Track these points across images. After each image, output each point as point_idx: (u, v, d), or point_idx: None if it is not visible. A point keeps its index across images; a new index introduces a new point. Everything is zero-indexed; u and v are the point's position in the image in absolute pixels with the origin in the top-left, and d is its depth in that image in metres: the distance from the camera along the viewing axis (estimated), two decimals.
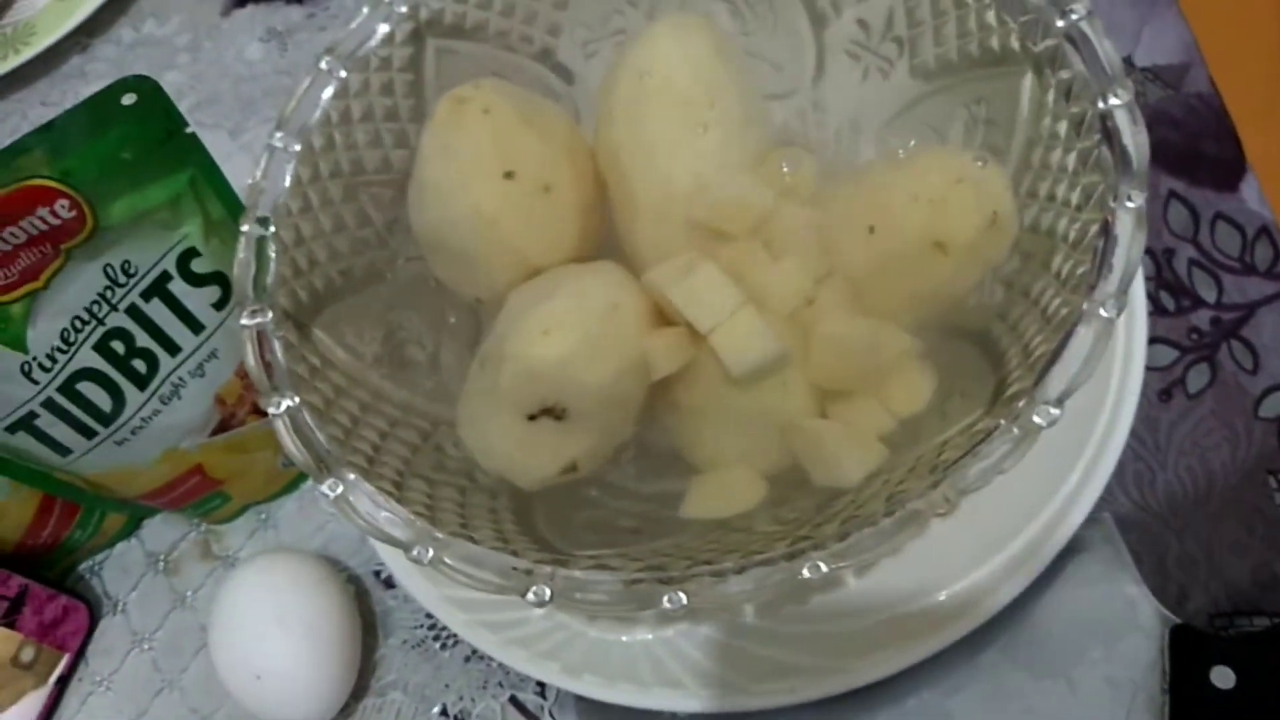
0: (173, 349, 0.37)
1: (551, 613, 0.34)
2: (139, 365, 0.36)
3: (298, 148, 0.32)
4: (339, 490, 0.27)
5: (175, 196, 0.34)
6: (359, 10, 0.33)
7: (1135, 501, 0.37)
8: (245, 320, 0.29)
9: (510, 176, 0.31)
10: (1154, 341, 0.39)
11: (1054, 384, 0.24)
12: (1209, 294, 0.40)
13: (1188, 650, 0.33)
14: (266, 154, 0.32)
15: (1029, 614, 0.34)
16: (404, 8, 0.33)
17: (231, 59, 0.59)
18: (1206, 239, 0.41)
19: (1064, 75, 0.28)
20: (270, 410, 0.28)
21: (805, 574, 0.23)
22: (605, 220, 0.34)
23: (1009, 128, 0.31)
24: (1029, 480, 0.29)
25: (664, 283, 0.29)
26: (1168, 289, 0.41)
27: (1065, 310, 0.26)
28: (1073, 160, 0.28)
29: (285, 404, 0.28)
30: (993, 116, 0.31)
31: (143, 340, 0.36)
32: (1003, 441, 0.24)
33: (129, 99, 0.33)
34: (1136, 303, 0.34)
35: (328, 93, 0.32)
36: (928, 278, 0.29)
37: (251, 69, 0.58)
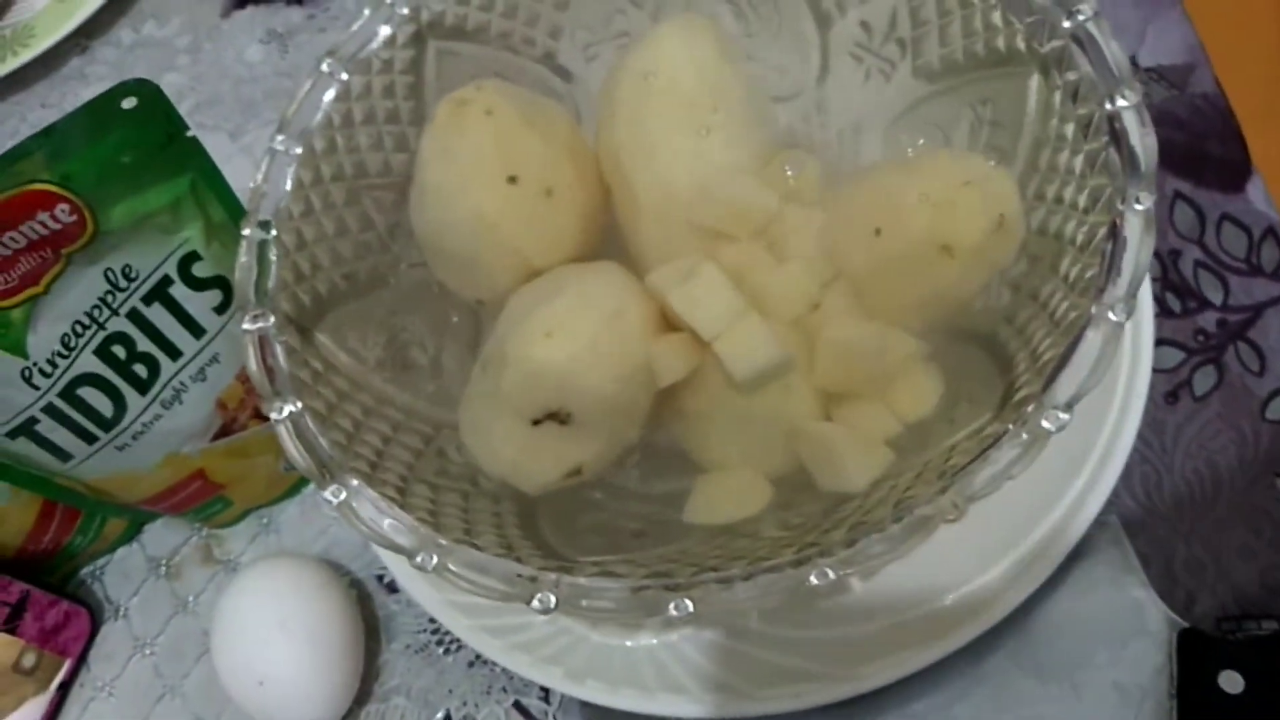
0: (174, 353, 0.36)
1: (555, 617, 0.34)
2: (140, 370, 0.36)
3: (299, 151, 0.32)
4: (342, 496, 0.27)
5: (176, 200, 0.34)
6: (360, 12, 0.33)
7: (1142, 504, 0.37)
8: (247, 325, 0.29)
9: (513, 180, 0.30)
10: (1160, 343, 0.39)
11: (1063, 388, 0.24)
12: (1215, 296, 0.40)
13: (1195, 655, 0.33)
14: (268, 157, 0.31)
15: (1035, 619, 0.34)
16: (405, 9, 0.33)
17: (232, 60, 0.58)
18: (1212, 240, 0.41)
19: (1071, 76, 0.28)
20: (273, 416, 0.28)
21: (813, 581, 0.23)
22: (607, 222, 0.34)
23: (1015, 129, 0.30)
24: (1036, 483, 0.29)
25: (666, 287, 0.29)
26: (1174, 291, 0.40)
27: (1074, 314, 0.25)
28: (1080, 162, 0.28)
29: (288, 409, 0.28)
30: (998, 118, 0.31)
31: (144, 345, 0.35)
32: (1011, 447, 0.24)
33: (129, 103, 0.32)
34: (1143, 305, 0.34)
35: (329, 95, 0.32)
36: (934, 281, 0.29)
37: (252, 70, 0.58)
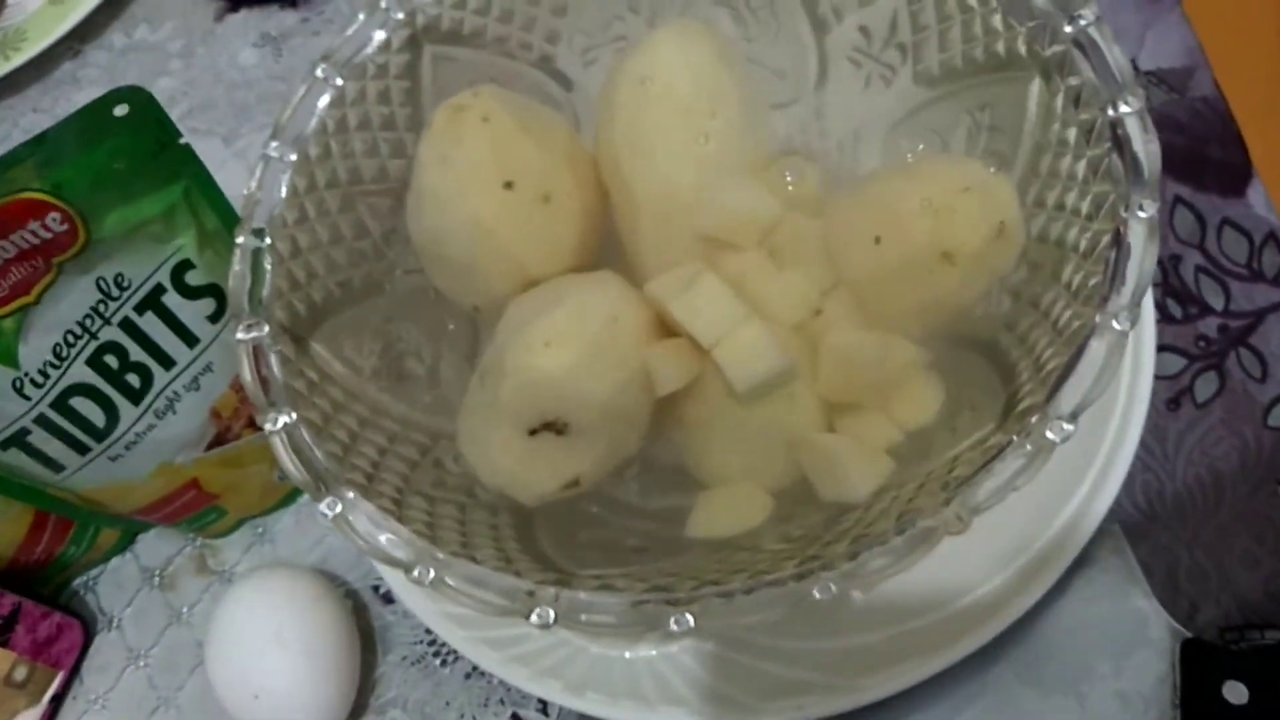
0: (167, 363, 0.36)
1: (553, 629, 0.34)
2: (132, 380, 0.35)
3: (293, 157, 0.31)
4: (338, 509, 0.26)
5: (169, 208, 0.34)
6: (354, 15, 0.33)
7: (1144, 512, 0.37)
8: (241, 335, 0.29)
9: (509, 186, 0.30)
10: (1161, 349, 0.39)
11: (1067, 399, 0.24)
12: (1216, 301, 0.40)
13: (1199, 665, 0.33)
14: (262, 164, 0.31)
15: (1037, 629, 0.34)
16: (400, 13, 0.33)
17: (225, 65, 0.58)
18: (1213, 245, 0.41)
19: (1072, 82, 0.28)
20: (267, 427, 0.27)
21: (815, 594, 0.23)
22: (605, 228, 0.33)
23: (1015, 135, 0.30)
24: (1038, 492, 0.28)
25: (666, 295, 0.29)
26: (1175, 296, 0.40)
27: (1077, 322, 0.25)
28: (1082, 168, 0.27)
29: (283, 420, 0.28)
30: (998, 123, 0.31)
31: (136, 354, 0.35)
32: (1015, 458, 0.24)
33: (121, 110, 0.32)
34: (1145, 310, 0.34)
35: (323, 101, 0.32)
36: (934, 288, 0.29)
37: (245, 75, 0.57)
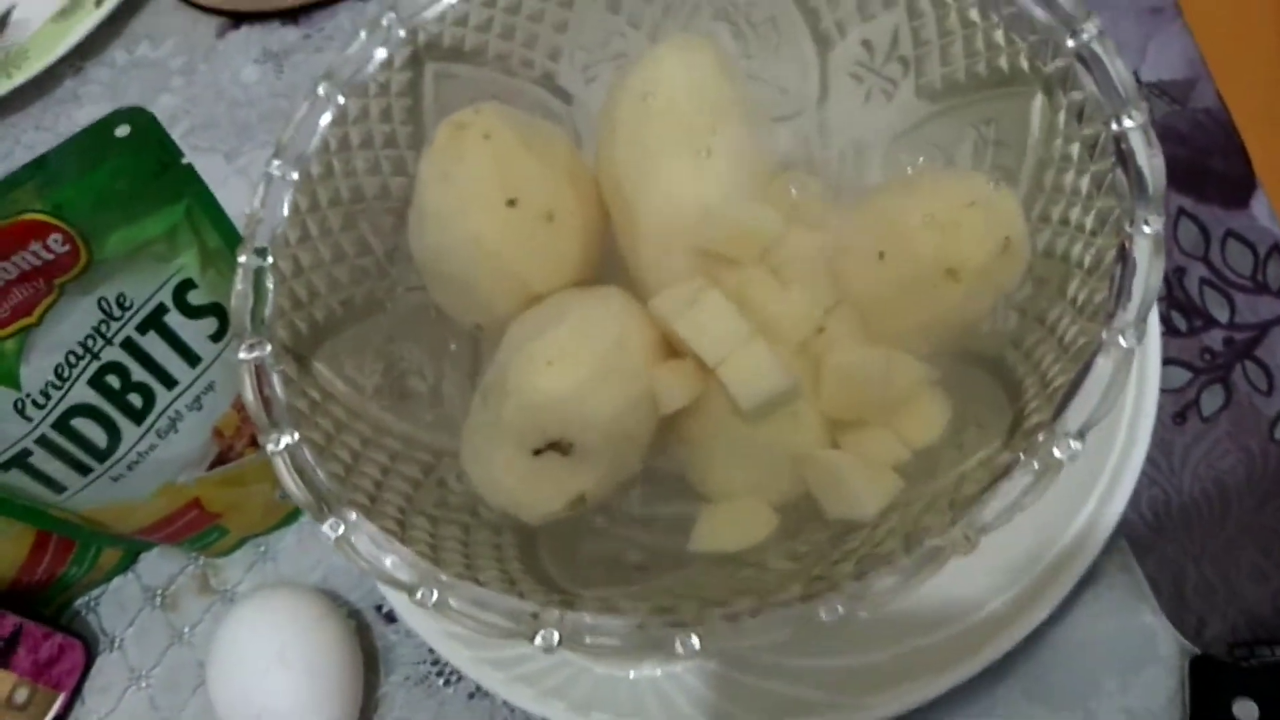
0: (169, 382, 0.36)
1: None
2: (135, 400, 0.35)
3: (295, 176, 0.31)
4: (340, 531, 0.26)
5: (171, 228, 0.33)
6: (356, 32, 0.33)
7: (1150, 526, 0.37)
8: (243, 354, 0.29)
9: (512, 204, 0.30)
10: (1167, 363, 0.38)
11: (1074, 416, 0.24)
12: (1221, 314, 0.40)
13: (1209, 682, 0.32)
14: (264, 182, 0.31)
15: (1045, 646, 0.34)
16: (402, 31, 0.33)
17: (227, 82, 0.58)
18: (1217, 257, 0.41)
19: (1075, 96, 0.28)
20: (269, 447, 0.27)
21: (822, 616, 0.23)
22: (607, 245, 0.33)
23: (1019, 149, 0.30)
24: (1045, 508, 0.28)
25: (669, 313, 0.29)
26: (1179, 309, 0.40)
27: (1083, 339, 0.25)
28: (1086, 183, 0.27)
29: (285, 441, 0.27)
30: (1002, 138, 0.31)
31: (138, 374, 0.35)
32: (1023, 476, 0.23)
33: (123, 130, 0.32)
34: (1150, 324, 0.34)
35: (325, 119, 0.32)
36: (939, 304, 0.29)
37: (247, 92, 0.57)
